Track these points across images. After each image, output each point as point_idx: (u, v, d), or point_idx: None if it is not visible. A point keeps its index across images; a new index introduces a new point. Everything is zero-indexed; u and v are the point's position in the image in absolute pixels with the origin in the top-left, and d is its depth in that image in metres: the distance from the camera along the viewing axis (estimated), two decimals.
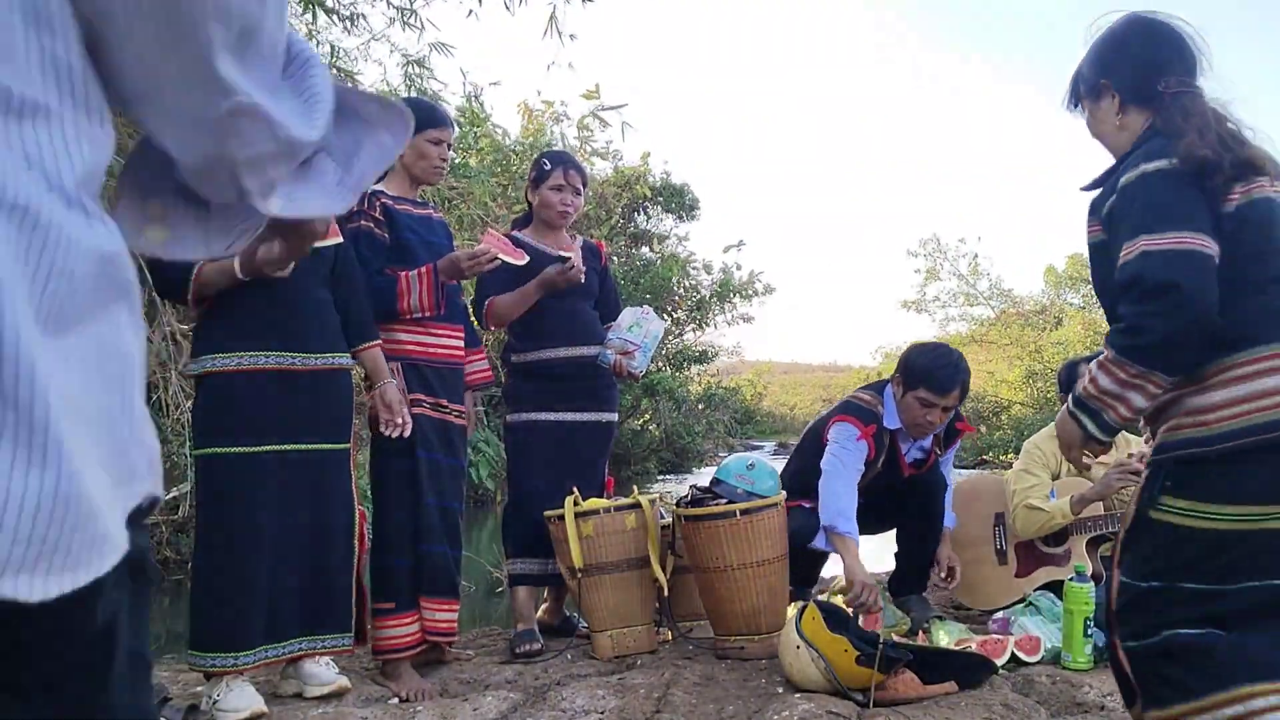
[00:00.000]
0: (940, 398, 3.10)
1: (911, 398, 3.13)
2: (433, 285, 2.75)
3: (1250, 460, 1.58)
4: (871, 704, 2.43)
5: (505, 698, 2.58)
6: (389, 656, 2.76)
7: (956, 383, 3.11)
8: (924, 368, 3.12)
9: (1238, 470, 1.59)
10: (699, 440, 15.71)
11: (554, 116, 10.37)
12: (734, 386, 17.90)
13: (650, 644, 3.06)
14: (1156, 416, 1.71)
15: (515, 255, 2.98)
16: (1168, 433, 1.67)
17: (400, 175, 2.92)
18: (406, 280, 2.73)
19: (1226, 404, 1.60)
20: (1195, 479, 1.62)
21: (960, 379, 3.12)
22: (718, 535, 2.92)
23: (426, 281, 2.75)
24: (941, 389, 3.09)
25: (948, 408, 3.13)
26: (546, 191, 3.28)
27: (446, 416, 2.88)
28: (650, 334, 3.25)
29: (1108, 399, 1.69)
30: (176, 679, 2.90)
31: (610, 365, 3.20)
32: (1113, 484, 3.20)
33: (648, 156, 12.81)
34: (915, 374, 3.13)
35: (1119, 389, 1.67)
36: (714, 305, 13.92)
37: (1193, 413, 1.63)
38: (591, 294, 3.38)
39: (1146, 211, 1.64)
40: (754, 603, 2.92)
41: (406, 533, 2.79)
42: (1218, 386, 1.62)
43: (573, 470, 3.21)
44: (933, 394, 3.09)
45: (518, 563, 3.27)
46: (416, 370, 2.82)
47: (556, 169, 3.29)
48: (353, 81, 7.07)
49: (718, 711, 2.46)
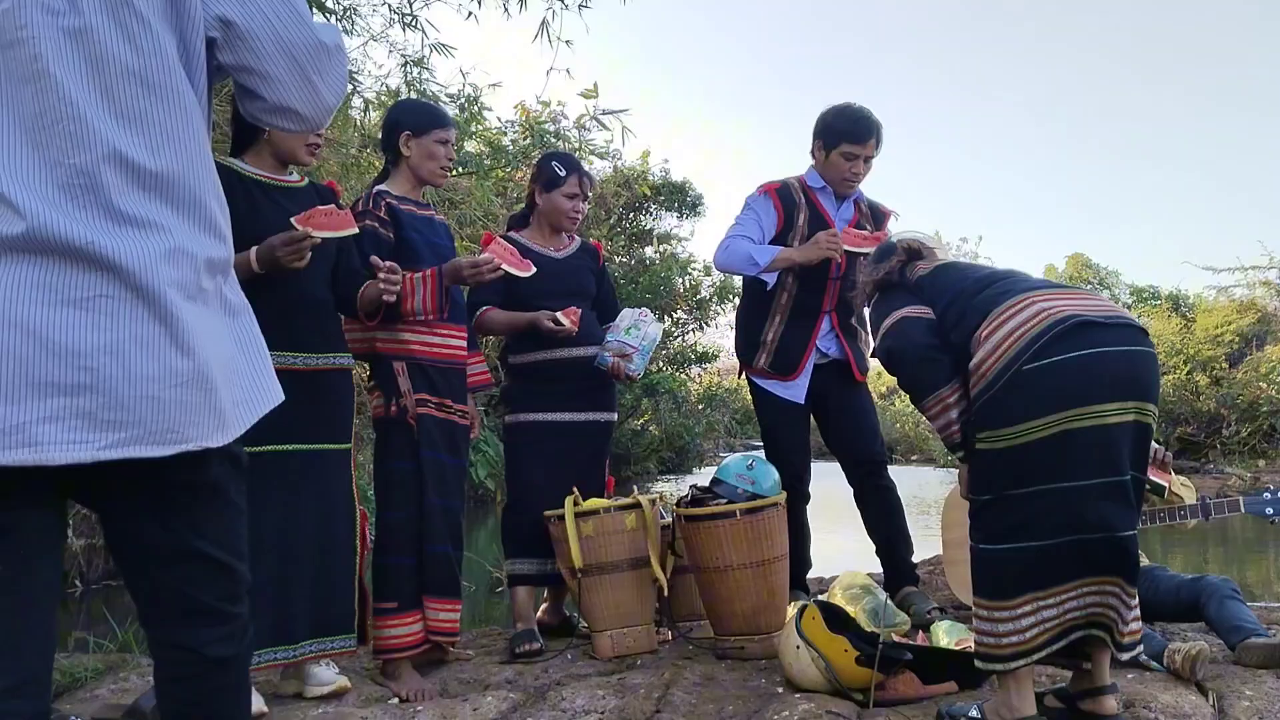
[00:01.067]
0: (861, 148, 3.37)
1: (836, 155, 3.40)
2: (437, 290, 2.73)
3: (1019, 384, 2.05)
4: (871, 704, 2.43)
5: (505, 698, 2.59)
6: (390, 656, 2.76)
7: (872, 131, 3.38)
8: (840, 126, 3.39)
9: (1013, 394, 2.06)
10: (699, 440, 15.71)
11: (551, 117, 10.35)
12: (734, 386, 17.88)
13: (650, 644, 3.06)
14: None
15: (522, 267, 2.94)
16: (972, 396, 2.17)
17: (405, 176, 2.92)
18: (411, 283, 2.71)
19: (987, 355, 2.11)
20: (988, 414, 2.11)
21: (875, 127, 3.39)
22: (718, 535, 2.92)
23: (431, 286, 2.72)
24: (860, 139, 3.37)
25: (868, 157, 3.41)
26: (559, 198, 3.29)
27: (451, 416, 2.88)
28: (648, 337, 3.25)
29: (940, 430, 2.28)
30: None
31: (608, 368, 3.21)
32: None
33: (647, 155, 12.80)
34: (834, 133, 3.40)
35: (936, 418, 2.26)
36: (714, 305, 13.91)
37: (973, 371, 2.15)
38: (589, 295, 3.39)
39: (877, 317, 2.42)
40: (754, 603, 2.93)
41: (410, 533, 2.79)
42: (979, 349, 2.13)
43: (572, 470, 3.21)
44: (854, 146, 3.37)
45: (517, 563, 3.27)
46: (421, 370, 2.82)
47: (572, 176, 3.30)
48: (352, 82, 7.06)
49: (718, 711, 2.46)
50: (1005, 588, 2.11)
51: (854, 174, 3.41)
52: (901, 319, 2.30)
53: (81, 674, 2.87)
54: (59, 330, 1.19)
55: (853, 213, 3.52)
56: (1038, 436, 2.03)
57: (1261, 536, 7.62)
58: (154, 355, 1.23)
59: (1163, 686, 2.47)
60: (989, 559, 2.15)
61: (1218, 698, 2.43)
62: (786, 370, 3.45)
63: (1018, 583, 2.10)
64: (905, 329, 2.29)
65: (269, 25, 1.34)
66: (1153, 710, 2.34)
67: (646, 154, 12.84)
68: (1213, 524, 3.06)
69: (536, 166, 3.42)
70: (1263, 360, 14.09)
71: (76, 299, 1.20)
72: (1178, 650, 2.56)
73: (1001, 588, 2.11)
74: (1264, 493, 2.99)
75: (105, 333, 1.20)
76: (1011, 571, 2.10)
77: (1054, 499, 2.04)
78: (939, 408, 2.23)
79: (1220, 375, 14.58)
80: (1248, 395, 13.81)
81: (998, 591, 2.12)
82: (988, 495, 2.15)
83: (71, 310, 1.20)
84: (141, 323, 1.22)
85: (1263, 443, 13.56)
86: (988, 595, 2.14)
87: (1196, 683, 2.51)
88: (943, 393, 2.23)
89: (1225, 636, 2.76)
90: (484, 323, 3.24)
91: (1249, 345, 14.95)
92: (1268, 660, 2.60)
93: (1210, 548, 7.09)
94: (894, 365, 2.33)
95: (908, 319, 2.30)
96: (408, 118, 2.93)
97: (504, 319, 3.23)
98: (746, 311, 3.59)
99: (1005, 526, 2.11)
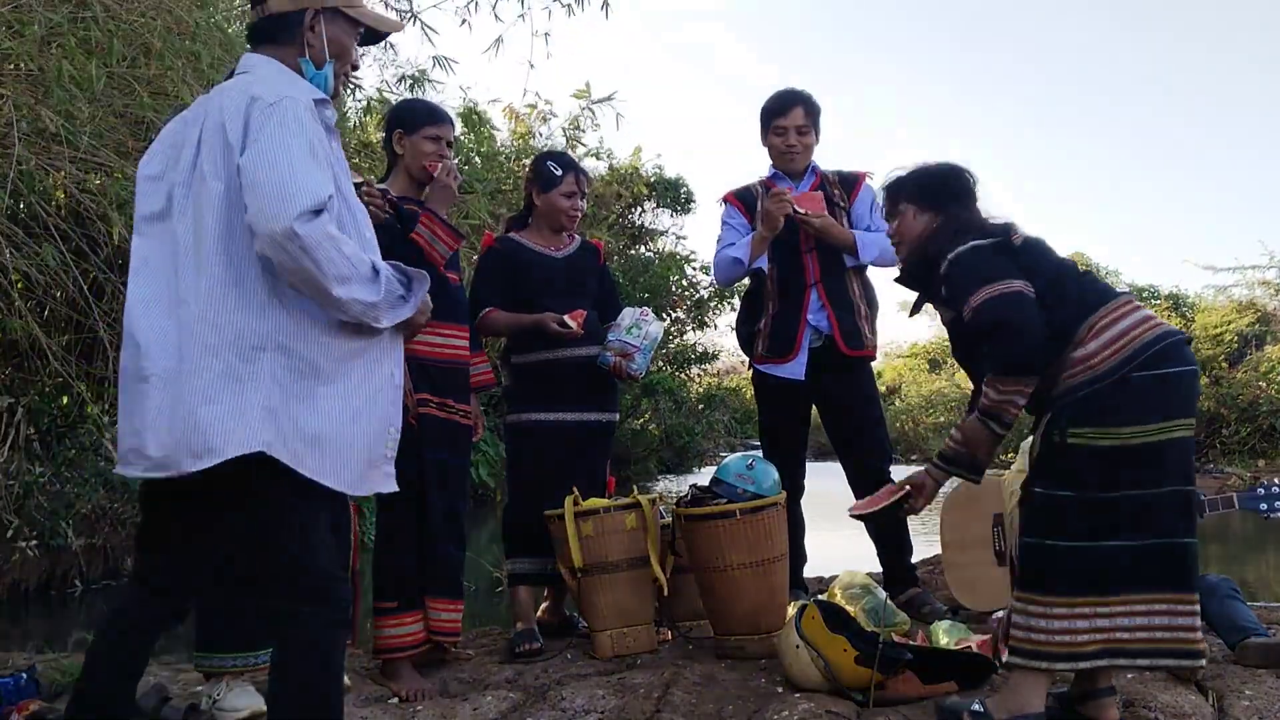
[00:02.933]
0: (785, 119, 3.50)
1: (770, 136, 3.55)
2: (441, 223, 2.80)
3: (1130, 387, 2.12)
4: (871, 704, 2.43)
5: (505, 697, 2.59)
6: (390, 656, 2.76)
7: (795, 101, 3.50)
8: (766, 107, 3.57)
9: (1123, 395, 2.12)
10: (699, 440, 15.68)
11: (541, 117, 10.29)
12: (734, 386, 17.84)
13: (650, 644, 3.06)
14: (1043, 389, 2.20)
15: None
16: (1063, 383, 2.16)
17: (402, 175, 2.92)
18: (422, 239, 2.77)
19: (1102, 348, 2.15)
20: (1094, 409, 2.13)
21: (796, 98, 3.51)
22: (718, 535, 2.92)
23: (436, 225, 2.78)
24: (782, 111, 3.50)
25: (800, 128, 3.50)
26: (557, 197, 3.29)
27: (453, 416, 2.88)
28: (650, 336, 3.25)
29: (994, 409, 2.24)
30: (176, 679, 2.90)
31: (610, 367, 3.21)
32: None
33: (639, 151, 12.71)
34: (764, 116, 3.57)
35: (1002, 400, 2.22)
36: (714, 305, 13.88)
37: (1079, 361, 2.15)
38: (590, 294, 3.38)
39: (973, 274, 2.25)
40: (754, 603, 2.92)
41: (412, 533, 2.79)
42: (1091, 340, 2.16)
43: (573, 470, 3.21)
44: (779, 119, 3.50)
45: (517, 562, 3.27)
46: (424, 370, 2.81)
47: (568, 174, 3.30)
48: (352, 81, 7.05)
49: (718, 711, 2.46)
50: (1076, 585, 2.13)
51: (788, 147, 3.50)
52: (1021, 294, 2.19)
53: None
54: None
55: (810, 186, 3.56)
56: (1140, 441, 2.11)
57: (1261, 536, 7.62)
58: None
59: (1163, 686, 2.47)
60: (1063, 554, 2.15)
61: (1218, 698, 2.43)
62: (784, 351, 3.46)
63: (1086, 582, 2.12)
64: (1025, 305, 2.18)
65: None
66: (1153, 710, 2.34)
67: (638, 150, 12.76)
68: (1211, 523, 3.06)
69: (532, 168, 3.42)
70: (1262, 360, 14.08)
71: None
72: None
73: (1070, 584, 2.13)
74: (1258, 488, 2.99)
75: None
76: (1084, 569, 2.13)
77: (1142, 503, 2.12)
78: (1017, 393, 2.19)
79: (1220, 375, 14.55)
80: (1247, 395, 13.80)
81: (1060, 588, 2.14)
82: (1069, 491, 2.14)
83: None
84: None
85: (1262, 443, 13.54)
86: (1047, 591, 2.15)
87: (1196, 683, 2.51)
88: (1029, 380, 2.19)
89: (1225, 636, 2.76)
90: (487, 324, 3.24)
91: (1249, 345, 14.93)
92: (1267, 660, 2.60)
93: (1209, 547, 7.09)
94: (1002, 338, 2.19)
95: (1026, 296, 2.19)
96: (401, 116, 2.96)
97: (507, 320, 3.23)
98: (745, 310, 3.64)
99: (1090, 525, 2.13)
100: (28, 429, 5.33)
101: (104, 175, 4.61)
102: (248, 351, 1.70)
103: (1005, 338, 2.18)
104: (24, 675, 2.70)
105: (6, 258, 4.28)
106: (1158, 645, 2.14)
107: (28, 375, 5.57)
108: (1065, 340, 2.18)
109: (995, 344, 2.20)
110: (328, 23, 1.91)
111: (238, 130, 1.73)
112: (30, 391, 5.53)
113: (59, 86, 4.11)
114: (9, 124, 4.08)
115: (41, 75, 4.30)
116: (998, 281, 2.20)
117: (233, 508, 1.77)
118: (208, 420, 1.67)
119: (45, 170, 4.47)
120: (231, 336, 1.70)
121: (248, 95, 1.76)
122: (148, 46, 4.66)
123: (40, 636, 4.58)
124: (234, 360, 1.70)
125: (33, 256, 4.42)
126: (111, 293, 4.96)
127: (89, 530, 5.66)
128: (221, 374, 1.69)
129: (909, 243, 2.46)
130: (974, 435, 2.30)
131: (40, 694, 2.69)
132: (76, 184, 4.56)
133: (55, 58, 4.24)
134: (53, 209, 4.70)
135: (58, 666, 2.99)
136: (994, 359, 2.21)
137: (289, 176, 1.66)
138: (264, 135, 1.70)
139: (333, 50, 1.92)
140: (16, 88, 4.30)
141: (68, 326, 5.36)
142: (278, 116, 1.72)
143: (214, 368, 1.69)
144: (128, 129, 4.79)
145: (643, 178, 12.35)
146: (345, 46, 1.95)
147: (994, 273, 2.23)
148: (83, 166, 4.58)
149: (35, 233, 4.61)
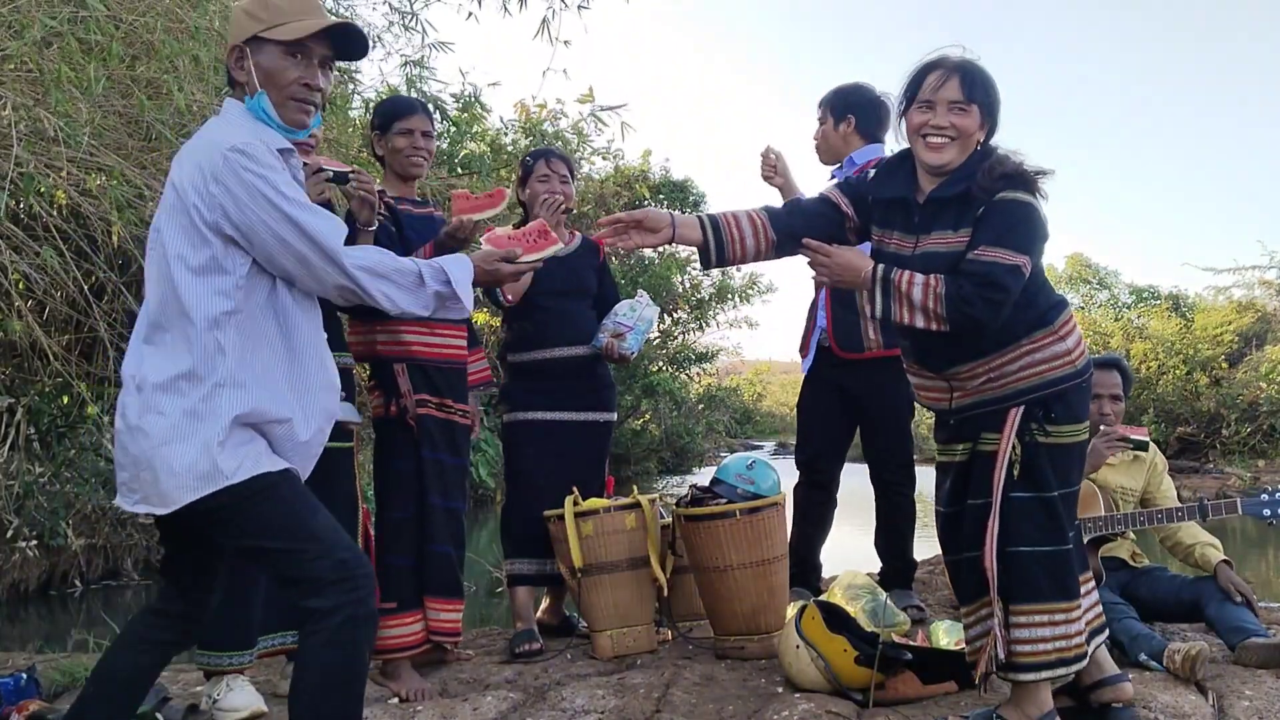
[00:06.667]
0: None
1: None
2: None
3: (1085, 387, 2.24)
4: (871, 704, 2.43)
5: (505, 698, 2.59)
6: (390, 656, 2.76)
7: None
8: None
9: (1082, 394, 2.23)
10: (699, 440, 15.70)
11: (551, 116, 10.32)
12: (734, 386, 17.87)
13: (650, 644, 3.06)
14: (1004, 369, 2.19)
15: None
16: (1034, 378, 2.18)
17: (390, 175, 2.93)
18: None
19: (1077, 345, 2.21)
20: (1071, 406, 2.19)
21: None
22: (718, 535, 2.92)
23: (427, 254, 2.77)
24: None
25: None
26: (535, 184, 3.29)
27: (451, 416, 2.88)
28: (643, 317, 3.26)
29: (905, 302, 2.16)
30: (176, 679, 2.91)
31: (603, 347, 3.21)
32: (1102, 453, 3.18)
33: (648, 155, 12.75)
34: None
35: (917, 306, 2.15)
36: (714, 305, 13.89)
37: (1059, 356, 2.18)
38: (589, 293, 3.38)
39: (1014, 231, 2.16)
40: (754, 603, 2.92)
41: (411, 533, 2.79)
42: (1069, 335, 2.21)
43: (572, 470, 3.21)
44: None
45: (517, 563, 3.26)
46: (422, 370, 2.81)
47: (538, 162, 3.31)
48: (351, 81, 7.06)
49: (718, 711, 2.46)
50: (1080, 582, 2.22)
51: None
52: (1025, 272, 2.13)
53: (81, 674, 2.87)
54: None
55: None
56: (1083, 438, 2.25)
57: (1262, 536, 7.63)
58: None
59: (1163, 686, 2.47)
60: (1070, 555, 2.18)
61: (1218, 698, 2.43)
62: (802, 346, 3.58)
63: (1077, 575, 2.21)
64: (1021, 283, 2.13)
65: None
66: (1153, 710, 2.34)
67: (648, 153, 12.80)
68: (1210, 524, 3.06)
69: (517, 170, 3.45)
70: (1262, 360, 14.09)
71: None
72: (1177, 650, 2.56)
73: (1078, 583, 2.20)
74: (1262, 493, 2.98)
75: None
76: (1075, 564, 2.20)
77: (1078, 496, 2.30)
78: (928, 318, 2.14)
79: (1220, 375, 14.57)
80: (1247, 395, 13.80)
81: (1077, 589, 2.19)
82: (1066, 489, 2.21)
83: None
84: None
85: (1262, 443, 13.56)
86: (1069, 596, 2.16)
87: (1196, 683, 2.52)
88: (950, 333, 2.15)
89: (1225, 637, 2.76)
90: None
91: (1249, 345, 14.94)
92: (1268, 660, 2.60)
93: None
94: (989, 295, 2.12)
95: (1024, 276, 2.14)
96: (376, 118, 2.96)
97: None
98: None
99: (1072, 519, 2.23)
100: (28, 429, 5.34)
101: (104, 176, 4.61)
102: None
103: (992, 298, 2.11)
104: (24, 675, 2.70)
105: (6, 259, 4.28)
106: (1098, 621, 2.28)
107: (28, 375, 5.57)
108: (1038, 326, 2.18)
109: (978, 293, 2.11)
110: (255, 53, 1.87)
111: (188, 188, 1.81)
112: (30, 391, 5.54)
113: (57, 89, 4.10)
114: (8, 125, 4.08)
115: (41, 76, 4.30)
116: (1029, 255, 2.15)
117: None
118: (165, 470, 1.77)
119: (45, 171, 4.47)
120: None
121: (193, 161, 1.82)
122: (148, 47, 4.67)
123: (40, 636, 4.59)
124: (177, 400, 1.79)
125: (33, 257, 4.43)
126: (112, 293, 4.96)
127: (89, 530, 5.66)
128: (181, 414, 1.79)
129: (963, 139, 2.25)
130: (859, 264, 2.22)
131: (40, 694, 2.69)
132: (76, 185, 4.56)
133: (55, 59, 4.24)
134: (53, 210, 4.70)
135: (58, 666, 3.00)
136: (963, 300, 2.11)
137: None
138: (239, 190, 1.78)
139: (262, 79, 1.88)
140: (16, 89, 4.30)
141: (68, 326, 5.37)
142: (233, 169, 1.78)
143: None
144: (127, 130, 4.79)
145: (648, 180, 12.37)
146: (275, 70, 1.88)
147: (1035, 246, 2.18)
148: (82, 167, 4.58)
149: (35, 233, 4.61)
